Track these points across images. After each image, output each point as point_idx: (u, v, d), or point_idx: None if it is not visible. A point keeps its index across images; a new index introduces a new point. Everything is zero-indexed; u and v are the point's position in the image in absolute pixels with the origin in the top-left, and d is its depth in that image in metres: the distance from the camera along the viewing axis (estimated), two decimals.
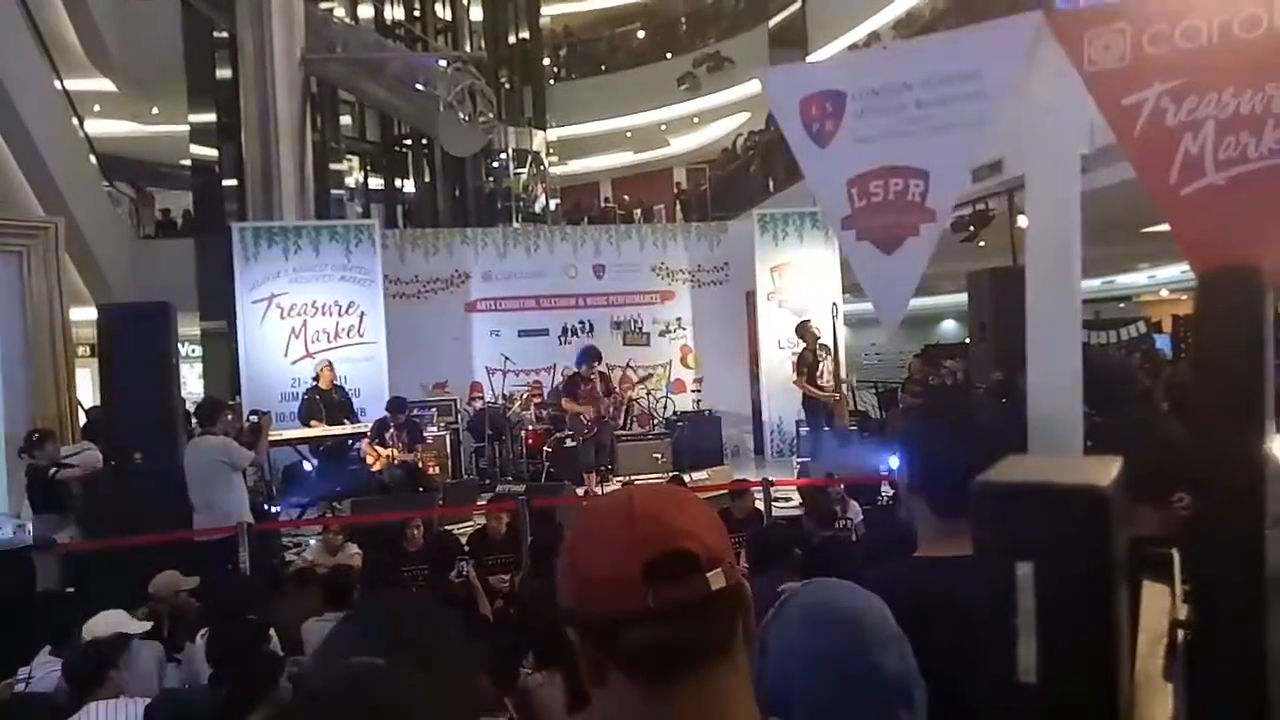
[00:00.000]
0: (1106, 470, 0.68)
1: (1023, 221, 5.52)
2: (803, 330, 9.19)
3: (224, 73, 14.41)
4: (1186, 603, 0.83)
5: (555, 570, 0.86)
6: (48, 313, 7.37)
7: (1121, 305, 20.08)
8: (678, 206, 20.10)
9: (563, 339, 10.92)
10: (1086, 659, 0.64)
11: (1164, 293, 20.04)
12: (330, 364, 9.10)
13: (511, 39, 19.71)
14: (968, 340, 10.04)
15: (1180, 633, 0.82)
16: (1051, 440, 2.07)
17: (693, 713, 0.79)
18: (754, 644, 0.88)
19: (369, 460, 8.28)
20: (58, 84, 11.87)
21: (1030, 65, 2.28)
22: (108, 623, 3.68)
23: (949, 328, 22.49)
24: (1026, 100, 2.27)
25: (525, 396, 10.39)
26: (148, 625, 3.86)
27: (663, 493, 0.87)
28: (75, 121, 12.65)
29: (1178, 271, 16.70)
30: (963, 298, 8.42)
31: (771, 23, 18.34)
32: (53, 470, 5.99)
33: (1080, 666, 0.64)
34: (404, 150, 17.80)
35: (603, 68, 21.41)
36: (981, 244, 9.69)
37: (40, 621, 4.20)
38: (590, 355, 8.60)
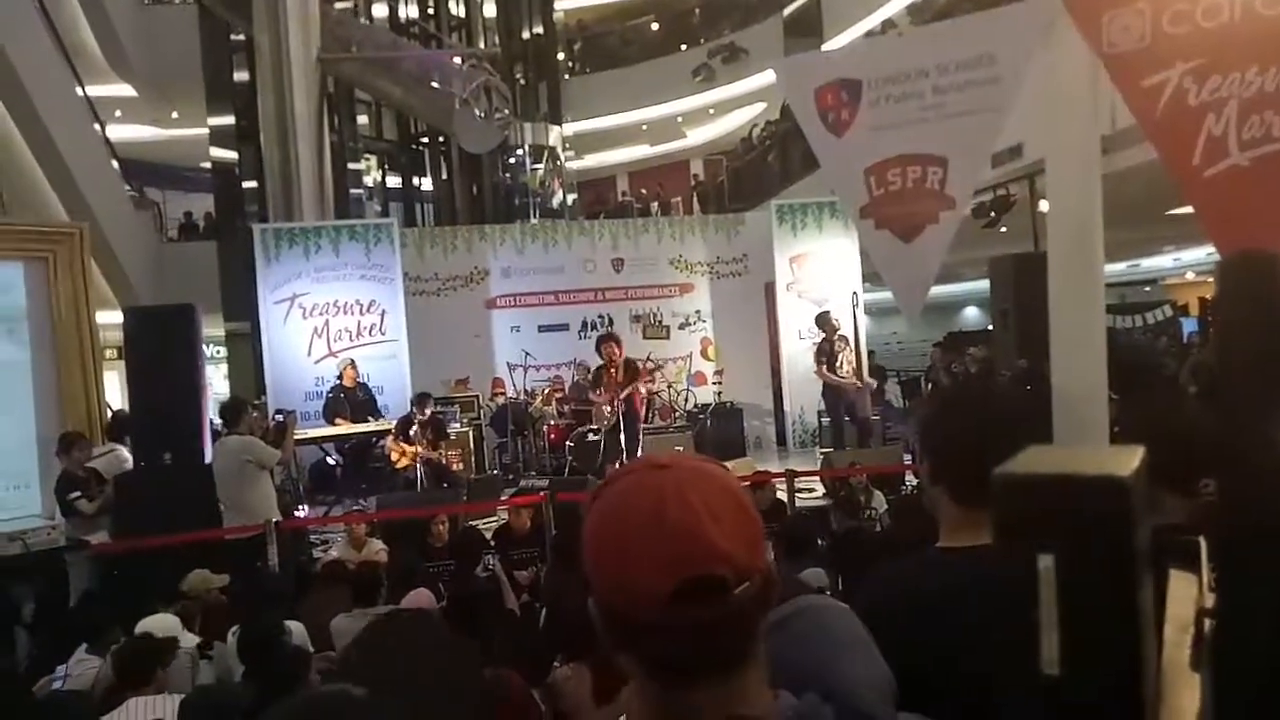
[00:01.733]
0: (1128, 460, 0.67)
1: (1044, 206, 5.46)
2: (822, 321, 9.16)
3: (241, 75, 14.55)
4: (1213, 591, 0.82)
5: (579, 560, 0.84)
6: (74, 317, 7.47)
7: (1147, 289, 19.83)
8: (695, 199, 20.05)
9: (583, 334, 10.94)
10: (1110, 650, 0.63)
11: (1190, 275, 19.75)
12: (353, 362, 9.18)
13: (525, 34, 19.71)
14: (990, 327, 9.95)
15: (1207, 622, 0.81)
16: (1076, 428, 2.05)
17: (712, 710, 0.80)
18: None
19: (394, 457, 8.34)
20: (79, 90, 12.01)
21: (1048, 48, 2.25)
22: (164, 626, 3.75)
23: (971, 315, 22.29)
24: (1044, 83, 2.24)
25: (547, 392, 10.42)
26: (198, 639, 3.93)
27: (698, 494, 0.79)
28: (97, 127, 12.81)
29: (1204, 254, 16.44)
30: (985, 284, 8.35)
31: (786, 12, 18.22)
32: (73, 495, 6.09)
33: (1103, 657, 0.63)
34: (421, 148, 17.88)
35: (617, 61, 21.36)
36: (1003, 229, 9.60)
37: (74, 621, 4.28)
38: (602, 341, 8.52)
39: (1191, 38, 2.07)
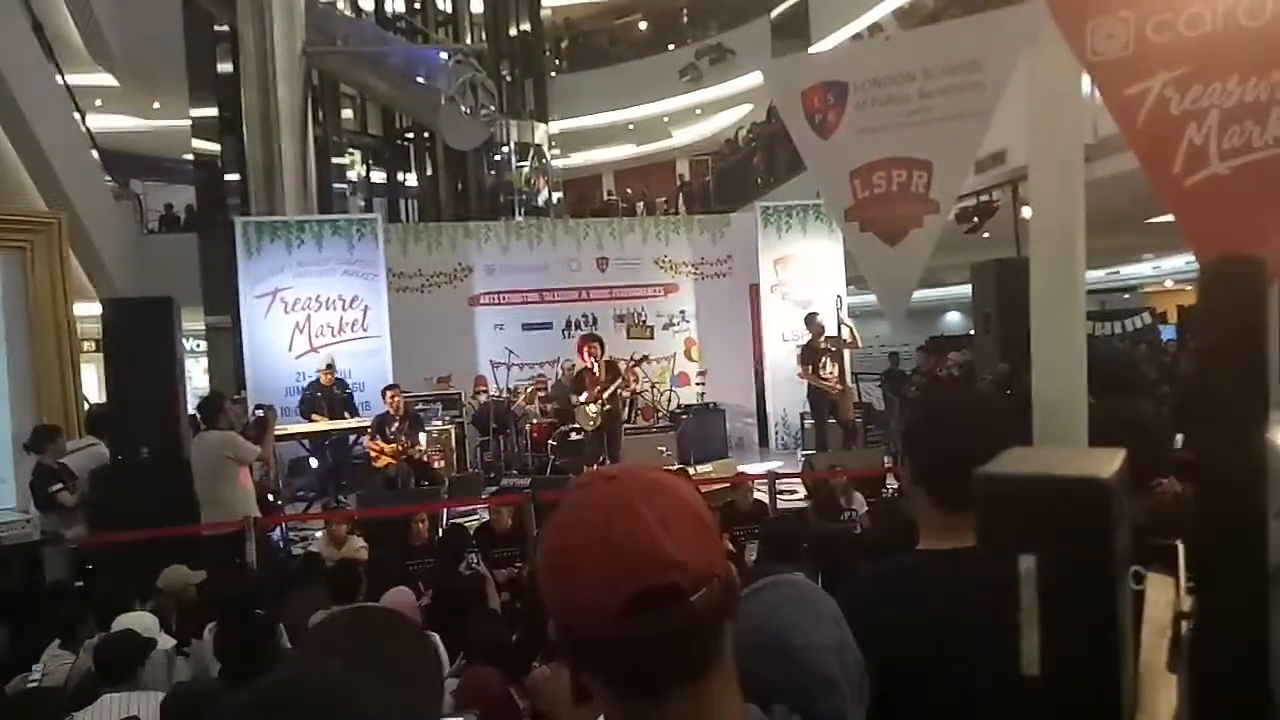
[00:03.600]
0: (1109, 462, 0.68)
1: (1026, 212, 5.50)
2: (810, 322, 9.17)
3: (225, 67, 14.43)
4: (1191, 595, 0.83)
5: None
6: (52, 308, 7.37)
7: (1126, 296, 20.05)
8: (680, 199, 20.08)
9: (566, 332, 10.92)
10: (1090, 651, 0.64)
11: (1169, 283, 19.99)
12: (331, 364, 9.05)
13: (513, 31, 19.68)
14: (972, 332, 10.02)
15: (1184, 625, 0.82)
16: (1056, 432, 2.06)
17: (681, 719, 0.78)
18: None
19: (372, 455, 8.29)
20: (60, 79, 11.87)
21: (1032, 54, 2.26)
22: (140, 624, 3.71)
23: (953, 319, 22.46)
24: (1029, 90, 2.25)
25: (529, 390, 10.39)
26: (172, 642, 3.89)
27: (647, 503, 0.77)
28: (77, 116, 12.66)
29: (1182, 262, 16.66)
30: (967, 289, 8.41)
31: (774, 14, 18.29)
32: (55, 487, 6.00)
33: (1084, 658, 0.64)
34: (406, 144, 17.80)
35: (604, 60, 21.35)
36: (985, 235, 9.67)
37: (49, 616, 4.23)
38: (585, 342, 8.44)
39: (1174, 47, 2.09)
